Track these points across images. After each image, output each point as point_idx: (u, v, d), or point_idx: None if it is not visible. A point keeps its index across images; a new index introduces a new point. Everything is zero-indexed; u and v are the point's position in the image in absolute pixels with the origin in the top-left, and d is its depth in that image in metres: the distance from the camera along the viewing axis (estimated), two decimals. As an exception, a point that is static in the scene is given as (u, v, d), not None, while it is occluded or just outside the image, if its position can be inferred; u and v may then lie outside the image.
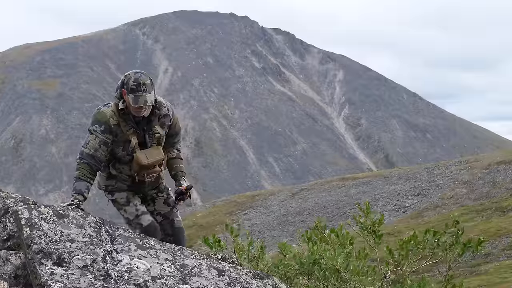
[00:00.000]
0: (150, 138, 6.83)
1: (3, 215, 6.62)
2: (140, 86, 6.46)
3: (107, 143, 6.72)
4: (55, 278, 5.64)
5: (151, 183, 7.04)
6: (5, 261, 6.25)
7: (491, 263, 28.07)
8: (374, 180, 53.50)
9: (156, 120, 6.83)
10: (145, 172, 6.87)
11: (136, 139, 6.77)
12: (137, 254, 6.33)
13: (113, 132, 6.72)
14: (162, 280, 6.04)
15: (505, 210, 37.24)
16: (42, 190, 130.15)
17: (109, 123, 6.67)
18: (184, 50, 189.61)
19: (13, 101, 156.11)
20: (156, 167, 6.86)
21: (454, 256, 8.58)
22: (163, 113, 6.88)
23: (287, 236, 43.82)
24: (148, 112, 6.68)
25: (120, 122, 6.71)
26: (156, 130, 6.81)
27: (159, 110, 6.84)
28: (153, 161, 6.78)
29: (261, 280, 6.76)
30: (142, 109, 6.56)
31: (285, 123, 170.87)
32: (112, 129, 6.69)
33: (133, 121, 6.73)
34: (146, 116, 6.73)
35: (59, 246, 6.01)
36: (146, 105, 6.51)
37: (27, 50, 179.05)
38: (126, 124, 6.72)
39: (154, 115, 6.81)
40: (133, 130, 6.75)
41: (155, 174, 6.93)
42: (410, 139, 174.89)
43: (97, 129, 6.69)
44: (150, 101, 6.49)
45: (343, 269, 7.94)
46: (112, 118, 6.69)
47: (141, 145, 6.81)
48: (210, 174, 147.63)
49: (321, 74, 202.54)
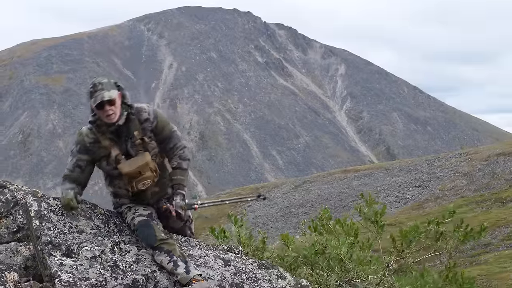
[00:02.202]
0: (132, 146, 6.41)
1: (13, 208, 6.56)
2: (96, 86, 6.16)
3: (81, 165, 6.47)
4: (64, 268, 5.79)
5: (155, 193, 6.63)
6: (15, 252, 6.25)
7: (490, 253, 27.77)
8: (375, 172, 53.41)
9: (135, 127, 6.42)
10: (134, 181, 6.42)
11: (116, 151, 6.40)
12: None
13: (90, 151, 6.43)
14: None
15: (504, 201, 36.83)
16: (50, 183, 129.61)
17: (84, 142, 6.42)
18: (188, 46, 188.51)
19: (21, 97, 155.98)
20: (145, 174, 6.39)
21: (455, 244, 8.70)
22: (143, 118, 6.45)
23: (290, 227, 43.37)
24: (122, 119, 6.33)
25: (99, 137, 6.39)
26: (137, 137, 6.38)
27: (139, 116, 6.44)
28: (135, 168, 6.33)
29: (266, 270, 6.86)
30: (106, 111, 6.18)
31: (288, 116, 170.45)
32: (88, 148, 6.42)
33: (110, 133, 6.39)
34: (121, 124, 6.34)
35: (68, 237, 6.16)
36: (104, 101, 6.11)
37: (34, 46, 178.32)
38: (105, 137, 6.39)
39: (131, 122, 6.40)
40: (111, 142, 6.41)
41: (146, 181, 6.43)
42: (410, 131, 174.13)
43: (73, 150, 6.55)
44: (108, 96, 6.10)
45: (347, 258, 7.92)
46: (87, 136, 6.42)
47: (127, 156, 6.43)
48: (215, 167, 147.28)
49: (323, 68, 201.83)
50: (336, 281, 7.70)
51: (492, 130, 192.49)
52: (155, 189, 6.58)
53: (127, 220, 6.63)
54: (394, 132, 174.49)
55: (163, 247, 6.29)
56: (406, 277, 7.80)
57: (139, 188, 6.45)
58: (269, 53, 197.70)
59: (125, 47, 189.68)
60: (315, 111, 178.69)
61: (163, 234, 6.40)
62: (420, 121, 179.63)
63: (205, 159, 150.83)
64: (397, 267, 8.65)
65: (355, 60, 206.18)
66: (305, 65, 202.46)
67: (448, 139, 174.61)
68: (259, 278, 6.61)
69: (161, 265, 6.25)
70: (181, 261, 6.23)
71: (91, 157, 6.45)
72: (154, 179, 6.47)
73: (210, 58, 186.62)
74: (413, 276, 7.81)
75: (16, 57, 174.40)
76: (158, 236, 6.33)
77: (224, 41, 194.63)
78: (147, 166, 6.36)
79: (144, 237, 6.39)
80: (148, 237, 6.36)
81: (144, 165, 6.35)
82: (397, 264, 8.69)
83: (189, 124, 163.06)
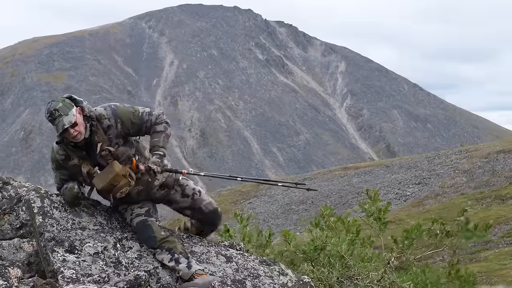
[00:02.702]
0: (101, 159, 6.25)
1: (16, 204, 6.52)
2: (53, 114, 5.98)
3: (66, 180, 6.46)
4: (67, 265, 5.84)
5: (141, 192, 6.50)
6: (18, 248, 6.24)
7: (490, 250, 28.03)
8: (375, 169, 53.60)
9: (99, 138, 6.22)
10: (111, 194, 6.27)
11: (87, 167, 6.26)
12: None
13: (64, 168, 6.37)
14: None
15: (504, 198, 37.16)
16: (51, 180, 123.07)
17: (57, 159, 6.34)
18: (189, 43, 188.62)
19: (23, 94, 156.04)
20: (119, 183, 6.18)
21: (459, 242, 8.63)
22: (105, 126, 6.24)
23: (291, 224, 43.54)
24: (87, 133, 6.18)
25: (69, 153, 6.29)
26: (103, 147, 6.21)
27: (101, 125, 6.23)
28: (107, 183, 6.14)
29: (268, 266, 6.88)
30: (70, 134, 6.04)
31: (288, 114, 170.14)
32: (62, 164, 6.35)
33: (75, 150, 6.28)
34: (87, 137, 6.19)
35: (70, 234, 6.20)
36: (66, 128, 5.96)
37: (35, 44, 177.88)
38: (75, 154, 6.27)
39: (96, 133, 6.22)
40: (81, 160, 6.28)
41: (123, 189, 6.24)
42: (411, 129, 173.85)
43: (52, 167, 6.52)
44: (68, 122, 5.93)
45: (348, 255, 7.95)
46: (58, 154, 6.33)
47: (100, 167, 6.30)
48: (215, 164, 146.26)
49: (323, 65, 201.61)
50: (337, 277, 7.73)
51: (492, 127, 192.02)
52: (138, 188, 6.46)
53: (127, 221, 6.62)
54: (394, 129, 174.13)
55: (164, 245, 6.31)
56: (407, 274, 7.77)
57: (118, 197, 6.33)
58: (270, 51, 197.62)
59: (126, 45, 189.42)
60: (316, 108, 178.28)
61: (162, 232, 6.40)
62: (420, 119, 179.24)
63: (206, 156, 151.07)
64: (398, 264, 8.63)
65: (355, 57, 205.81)
66: (305, 62, 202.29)
67: (448, 136, 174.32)
68: (261, 275, 6.64)
69: (163, 263, 6.29)
70: (183, 257, 6.27)
71: (68, 172, 6.39)
72: (130, 183, 6.27)
73: (211, 55, 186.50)
74: (414, 273, 7.76)
75: (17, 54, 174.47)
76: (157, 237, 6.33)
77: (225, 39, 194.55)
78: (118, 176, 6.17)
79: (144, 239, 6.42)
80: (148, 239, 6.38)
81: (114, 177, 6.15)
82: (398, 261, 8.63)
83: (190, 121, 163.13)
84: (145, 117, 6.36)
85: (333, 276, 7.69)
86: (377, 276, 7.65)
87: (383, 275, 7.62)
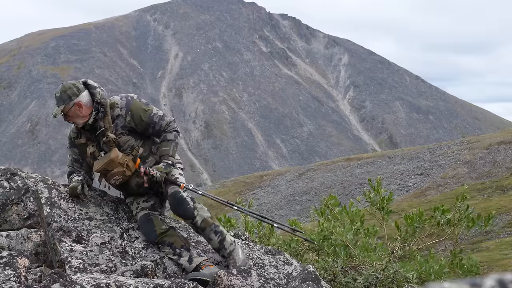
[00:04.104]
0: (104, 144, 6.39)
1: (24, 195, 6.57)
2: (56, 98, 6.31)
3: (77, 159, 6.60)
4: (75, 254, 5.91)
5: (141, 184, 6.47)
6: (26, 239, 6.27)
7: (492, 240, 27.99)
8: (378, 160, 53.33)
9: (105, 124, 6.37)
10: (105, 179, 6.45)
11: (92, 148, 6.41)
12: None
13: (76, 145, 6.54)
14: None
15: (505, 189, 37.16)
16: (58, 171, 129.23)
17: (71, 136, 6.56)
18: (193, 36, 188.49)
19: (29, 86, 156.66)
20: (114, 170, 6.31)
21: (461, 230, 8.60)
22: (115, 115, 6.40)
23: (294, 214, 42.70)
24: (90, 119, 6.33)
25: (80, 132, 6.48)
26: (108, 133, 6.33)
27: (112, 112, 6.40)
28: (101, 165, 6.30)
29: (273, 256, 6.86)
30: (71, 120, 6.33)
31: (292, 105, 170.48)
32: (74, 142, 6.54)
33: (84, 131, 6.44)
34: (90, 123, 6.35)
35: (78, 224, 6.27)
36: (57, 117, 6.23)
37: (42, 37, 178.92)
38: (84, 134, 6.45)
39: (103, 120, 6.38)
40: (88, 140, 6.46)
41: (117, 176, 6.34)
42: (413, 120, 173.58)
43: (67, 146, 6.72)
44: (58, 112, 6.21)
45: (352, 245, 8.02)
46: (72, 131, 6.54)
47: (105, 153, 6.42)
48: (220, 155, 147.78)
49: (326, 58, 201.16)
50: (341, 267, 7.80)
51: (493, 119, 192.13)
52: (138, 180, 6.48)
53: (133, 214, 6.67)
54: (396, 121, 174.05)
55: (164, 240, 6.38)
56: (411, 263, 7.77)
57: (112, 184, 6.48)
58: (273, 43, 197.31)
59: (131, 37, 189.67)
60: (319, 100, 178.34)
61: (163, 226, 6.46)
62: (422, 110, 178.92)
63: (210, 148, 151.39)
64: (402, 254, 8.60)
65: (358, 50, 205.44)
66: (308, 54, 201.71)
67: (449, 128, 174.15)
68: (266, 264, 6.62)
69: (167, 256, 6.38)
70: (184, 250, 6.37)
71: (79, 151, 6.58)
72: (126, 173, 6.36)
73: (215, 48, 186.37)
74: (417, 262, 7.77)
75: (24, 47, 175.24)
76: (158, 231, 6.39)
77: (229, 31, 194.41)
78: (113, 163, 6.28)
79: (146, 234, 6.48)
80: (149, 234, 6.44)
81: (109, 162, 6.28)
82: (402, 251, 8.60)
83: (195, 113, 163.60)
84: (155, 119, 6.46)
85: (337, 265, 7.73)
86: (381, 266, 7.67)
87: (387, 265, 7.63)
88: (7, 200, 6.49)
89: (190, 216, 6.35)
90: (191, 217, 6.35)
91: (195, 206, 6.41)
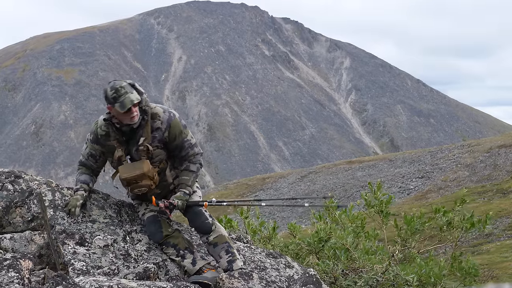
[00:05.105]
0: (136, 151, 6.31)
1: (27, 197, 6.54)
2: (118, 91, 6.05)
3: (94, 155, 6.51)
4: (78, 257, 5.93)
5: (157, 195, 6.49)
6: (29, 241, 6.25)
7: (492, 243, 28.21)
8: (379, 163, 53.87)
9: (144, 133, 6.29)
10: (130, 187, 6.35)
11: (120, 152, 6.33)
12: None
13: (101, 143, 6.42)
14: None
15: (505, 192, 37.48)
16: (62, 173, 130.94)
17: (97, 133, 6.39)
18: (197, 39, 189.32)
19: (34, 88, 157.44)
20: (141, 182, 6.26)
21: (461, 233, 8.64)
22: (155, 127, 6.32)
23: (296, 217, 43.07)
24: (137, 122, 6.24)
25: (111, 132, 6.33)
26: (142, 143, 6.27)
27: (152, 123, 6.33)
28: (132, 176, 6.23)
29: (275, 259, 6.89)
30: (131, 113, 6.13)
31: (294, 108, 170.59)
32: (99, 140, 6.40)
33: (117, 133, 6.32)
34: (135, 127, 6.26)
35: (81, 226, 6.28)
36: (134, 104, 6.08)
37: (47, 40, 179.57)
38: (115, 135, 6.31)
39: (143, 127, 6.29)
40: (118, 143, 6.35)
41: (142, 188, 6.30)
42: (414, 124, 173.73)
43: (88, 138, 6.53)
44: (136, 99, 6.06)
45: (352, 248, 8.02)
46: (100, 128, 6.37)
47: (131, 159, 6.38)
48: (223, 157, 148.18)
49: (328, 61, 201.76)
50: (342, 270, 7.81)
51: (494, 122, 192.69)
52: (156, 191, 6.47)
53: (139, 215, 6.67)
54: (398, 124, 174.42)
55: (169, 241, 6.40)
56: (411, 266, 7.75)
57: (135, 193, 6.41)
58: (276, 47, 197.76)
59: (135, 41, 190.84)
60: (321, 103, 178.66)
61: (169, 229, 6.47)
62: (423, 114, 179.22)
63: (213, 150, 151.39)
64: (402, 257, 8.67)
65: (359, 53, 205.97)
66: (311, 58, 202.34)
67: (450, 131, 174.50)
68: (268, 267, 6.66)
69: (170, 257, 6.41)
70: (188, 253, 6.40)
71: (102, 149, 6.45)
72: (152, 186, 6.34)
73: (218, 51, 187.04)
74: (417, 264, 7.75)
75: (29, 50, 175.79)
76: (164, 232, 6.40)
77: (232, 35, 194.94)
78: (144, 176, 6.24)
79: (151, 233, 6.46)
80: (154, 233, 6.42)
81: (141, 175, 6.23)
82: (402, 254, 8.70)
83: (198, 115, 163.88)
84: (186, 144, 6.45)
85: (338, 268, 7.73)
86: (381, 269, 7.66)
87: (387, 268, 7.62)
88: (11, 202, 6.47)
89: (207, 230, 6.36)
90: (207, 231, 6.36)
91: (213, 222, 6.43)
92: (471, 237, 9.52)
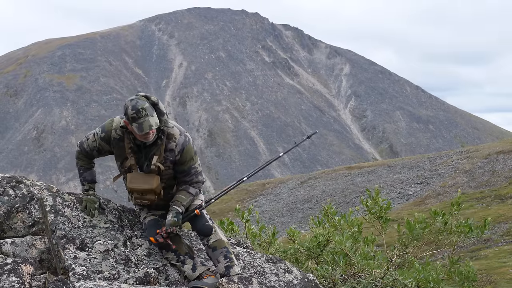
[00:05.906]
0: (148, 166, 6.32)
1: (28, 202, 6.57)
2: (139, 112, 5.99)
3: (100, 150, 6.50)
4: (78, 262, 5.94)
5: (159, 206, 6.62)
6: (30, 246, 6.27)
7: (490, 248, 28.05)
8: (378, 169, 53.74)
9: (157, 151, 6.32)
10: (134, 197, 6.39)
11: (133, 161, 6.33)
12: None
13: (112, 144, 6.40)
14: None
15: (504, 198, 37.26)
16: (63, 178, 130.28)
17: (110, 134, 6.37)
18: (197, 45, 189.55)
19: (35, 94, 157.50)
20: (147, 195, 6.32)
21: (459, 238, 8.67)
22: (169, 148, 6.33)
23: (295, 222, 43.53)
24: (151, 140, 6.22)
25: (126, 137, 6.32)
26: (154, 161, 6.28)
27: (167, 143, 6.35)
28: (136, 187, 6.27)
29: (274, 264, 6.92)
30: (148, 135, 6.11)
31: (294, 114, 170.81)
32: (111, 141, 6.38)
33: (132, 141, 6.32)
34: (147, 144, 6.28)
35: (82, 231, 6.33)
36: (152, 129, 6.04)
37: (48, 46, 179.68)
38: (129, 142, 6.31)
39: (156, 146, 6.30)
40: (131, 152, 6.34)
41: (145, 201, 6.37)
42: (413, 130, 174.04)
43: (98, 133, 6.45)
44: (155, 124, 6.04)
45: (351, 253, 7.98)
46: (115, 131, 6.35)
47: (141, 169, 6.39)
48: (223, 163, 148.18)
49: (328, 68, 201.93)
50: (340, 275, 7.78)
51: (492, 128, 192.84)
52: (159, 202, 6.52)
53: (140, 219, 6.72)
54: (397, 130, 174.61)
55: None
56: (409, 271, 7.76)
57: (137, 203, 6.51)
58: (276, 53, 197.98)
59: (136, 47, 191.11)
60: (320, 109, 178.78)
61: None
62: (422, 120, 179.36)
63: (214, 156, 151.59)
64: (401, 262, 8.65)
65: (359, 60, 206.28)
66: (311, 64, 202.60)
67: (449, 137, 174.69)
68: (267, 272, 6.69)
69: (170, 262, 6.43)
70: (188, 258, 6.42)
71: (110, 149, 6.47)
72: (155, 201, 6.40)
73: (218, 57, 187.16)
74: (415, 269, 7.72)
75: (31, 55, 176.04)
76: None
77: (232, 41, 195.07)
78: (151, 191, 6.29)
79: (151, 236, 6.42)
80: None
81: (148, 190, 6.27)
82: (400, 259, 8.68)
83: (198, 121, 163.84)
84: (192, 170, 6.49)
85: (337, 273, 7.70)
86: (380, 274, 7.67)
87: (386, 273, 7.65)
88: (12, 207, 6.50)
89: (208, 232, 6.40)
90: (208, 234, 6.40)
91: (213, 226, 6.47)
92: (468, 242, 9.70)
